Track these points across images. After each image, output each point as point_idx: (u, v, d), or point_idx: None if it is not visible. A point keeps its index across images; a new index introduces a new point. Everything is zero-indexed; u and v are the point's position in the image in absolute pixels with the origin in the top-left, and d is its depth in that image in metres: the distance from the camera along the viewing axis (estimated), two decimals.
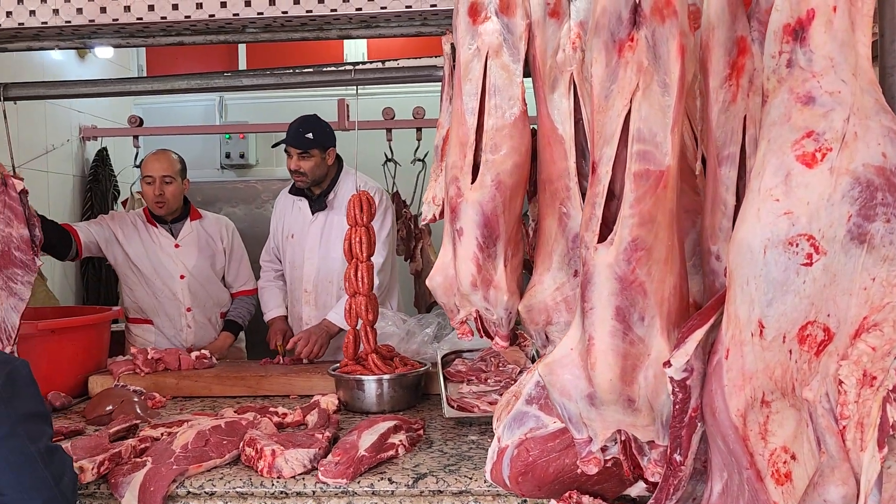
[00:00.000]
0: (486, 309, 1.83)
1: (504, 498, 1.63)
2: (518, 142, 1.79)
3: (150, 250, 3.11)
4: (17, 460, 1.43)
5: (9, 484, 1.42)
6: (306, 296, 3.08)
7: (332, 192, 3.09)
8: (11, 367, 1.48)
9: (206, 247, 3.19)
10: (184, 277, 3.13)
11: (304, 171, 3.01)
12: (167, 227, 3.17)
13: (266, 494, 1.67)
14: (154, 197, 3.07)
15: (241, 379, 2.51)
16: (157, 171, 3.07)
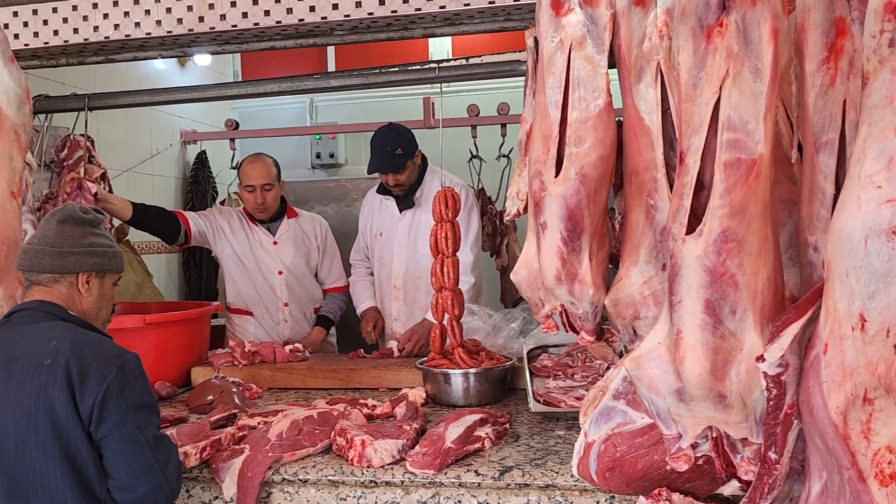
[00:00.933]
0: (571, 303, 1.82)
1: (591, 493, 1.62)
2: (603, 134, 1.76)
3: (252, 246, 3.22)
4: (128, 447, 1.53)
5: (120, 468, 1.54)
6: (395, 292, 3.14)
7: (419, 191, 3.13)
8: (123, 360, 1.58)
9: (301, 244, 3.27)
10: (282, 273, 3.22)
11: (402, 183, 3.08)
12: (265, 225, 3.26)
13: (356, 483, 1.72)
14: (256, 205, 3.14)
15: (332, 372, 2.59)
16: (257, 179, 3.14)
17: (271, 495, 1.75)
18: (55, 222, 1.73)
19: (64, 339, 1.57)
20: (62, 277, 1.70)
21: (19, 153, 2.20)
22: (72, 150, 2.99)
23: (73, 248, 1.71)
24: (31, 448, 1.50)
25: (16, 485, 1.51)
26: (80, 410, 1.51)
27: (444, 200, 2.27)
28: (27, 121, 2.23)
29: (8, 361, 1.55)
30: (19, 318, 1.66)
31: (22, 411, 1.50)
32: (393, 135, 3.02)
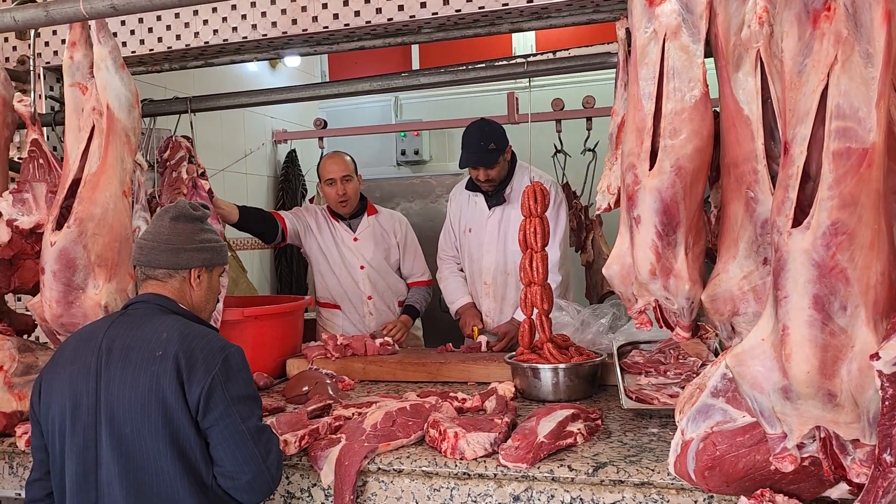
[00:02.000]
0: (666, 298, 1.78)
1: (688, 492, 1.59)
2: (699, 125, 1.72)
3: (335, 242, 3.33)
4: (231, 437, 1.61)
5: (225, 456, 1.61)
6: (486, 288, 3.15)
7: (509, 187, 3.12)
8: (228, 353, 1.66)
9: (381, 240, 3.34)
10: (363, 268, 3.31)
11: (493, 178, 3.08)
12: (346, 222, 3.36)
13: (449, 474, 1.74)
14: (338, 196, 3.24)
15: (422, 365, 2.63)
16: (336, 172, 3.23)
17: (367, 484, 1.79)
18: (168, 219, 1.81)
19: (174, 332, 1.65)
20: (176, 273, 1.79)
21: (130, 154, 2.33)
22: (174, 151, 3.14)
23: (186, 245, 1.80)
24: (146, 434, 1.59)
25: (133, 467, 1.60)
26: (188, 400, 1.59)
27: (533, 195, 2.27)
28: (136, 124, 2.36)
29: (125, 351, 1.65)
30: (135, 310, 1.76)
31: (137, 400, 1.60)
32: (486, 129, 3.02)
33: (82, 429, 1.64)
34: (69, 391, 1.66)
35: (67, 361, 1.71)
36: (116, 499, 1.60)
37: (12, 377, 2.21)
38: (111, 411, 1.61)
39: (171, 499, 1.60)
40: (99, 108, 2.26)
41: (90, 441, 1.63)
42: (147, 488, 1.60)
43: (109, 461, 1.60)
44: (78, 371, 1.67)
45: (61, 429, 1.67)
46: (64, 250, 2.14)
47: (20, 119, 2.48)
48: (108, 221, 2.20)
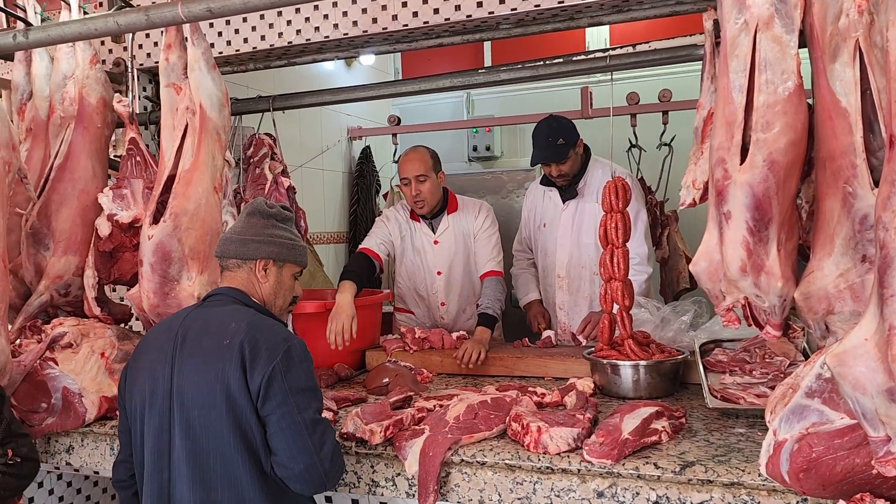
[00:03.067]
0: (756, 296, 1.74)
1: (780, 494, 1.55)
2: (793, 118, 1.68)
3: (415, 246, 3.22)
4: (287, 427, 1.65)
5: (280, 445, 1.67)
6: (559, 281, 3.13)
7: (582, 181, 3.10)
8: (290, 345, 1.72)
9: (461, 240, 3.19)
10: (440, 274, 3.19)
11: (566, 173, 3.05)
12: (428, 222, 3.20)
13: (532, 468, 1.75)
14: (412, 197, 3.08)
15: (499, 359, 2.65)
16: (410, 171, 3.07)
17: (450, 475, 1.82)
18: (245, 215, 1.92)
19: (242, 322, 1.73)
20: (243, 263, 1.87)
21: (220, 152, 2.42)
22: (257, 148, 3.24)
23: (254, 236, 1.88)
24: (211, 419, 1.67)
25: (199, 450, 1.68)
26: (250, 387, 1.65)
27: (614, 190, 2.25)
28: (226, 122, 2.45)
29: (198, 340, 1.74)
30: (212, 301, 1.86)
31: (204, 386, 1.68)
32: (554, 125, 3.01)
33: (158, 412, 1.73)
34: (148, 377, 1.76)
35: (149, 349, 1.82)
36: (184, 479, 1.69)
37: (113, 363, 2.34)
38: (182, 396, 1.70)
39: (233, 482, 1.66)
40: (192, 107, 2.36)
41: (164, 424, 1.72)
42: (211, 471, 1.67)
43: (179, 443, 1.69)
44: (157, 358, 1.77)
45: (141, 412, 1.77)
46: (160, 243, 2.25)
47: (118, 118, 2.62)
48: (200, 216, 2.30)
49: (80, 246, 2.51)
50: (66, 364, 2.25)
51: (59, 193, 2.48)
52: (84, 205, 2.51)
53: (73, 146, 2.51)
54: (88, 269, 2.47)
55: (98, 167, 2.57)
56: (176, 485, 1.70)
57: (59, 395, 2.19)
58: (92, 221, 2.50)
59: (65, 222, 2.48)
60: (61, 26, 2.21)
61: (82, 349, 2.31)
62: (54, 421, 2.19)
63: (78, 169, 2.50)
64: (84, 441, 2.25)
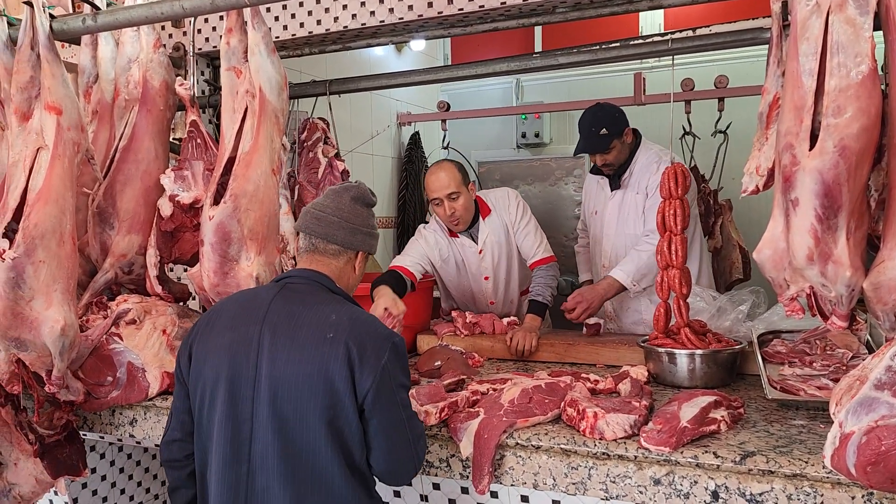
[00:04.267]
0: (822, 285, 1.70)
1: (845, 487, 1.52)
2: (866, 103, 1.63)
3: (457, 260, 3.11)
4: (391, 424, 1.65)
5: (381, 442, 1.65)
6: (604, 271, 3.09)
7: (627, 171, 3.06)
8: (393, 342, 1.67)
9: (503, 241, 3.09)
10: (488, 279, 3.13)
11: (610, 162, 3.02)
12: (467, 233, 3.08)
13: (588, 454, 1.75)
14: (447, 217, 2.95)
15: (550, 346, 2.64)
16: (441, 190, 2.90)
17: (504, 458, 1.83)
18: (349, 198, 1.83)
19: (343, 315, 1.66)
20: (345, 252, 1.81)
21: (278, 134, 2.45)
22: (311, 132, 3.28)
23: (363, 227, 1.83)
24: (307, 414, 1.60)
25: (290, 444, 1.61)
26: (357, 387, 1.60)
27: (673, 177, 2.22)
28: (285, 105, 2.48)
29: (293, 328, 1.65)
30: (297, 284, 1.76)
31: (303, 380, 1.60)
32: (599, 115, 2.98)
33: (240, 400, 1.64)
34: (227, 358, 1.66)
35: (226, 328, 1.72)
36: (271, 473, 1.61)
37: (173, 340, 2.40)
38: (274, 388, 1.61)
39: (326, 479, 1.61)
40: (252, 90, 2.39)
41: (247, 413, 1.63)
42: (303, 466, 1.61)
43: (266, 435, 1.61)
44: (238, 340, 1.67)
45: (213, 394, 1.67)
46: (221, 224, 2.29)
47: (180, 101, 2.68)
48: (259, 197, 2.34)
49: (142, 225, 2.58)
50: (129, 340, 2.32)
51: (124, 174, 2.55)
52: (147, 185, 2.57)
53: (136, 128, 2.57)
54: (150, 248, 2.54)
55: (160, 149, 2.63)
56: (257, 478, 1.62)
57: (124, 369, 2.27)
58: (154, 202, 2.57)
59: (129, 202, 2.55)
60: (128, 10, 2.26)
61: (145, 326, 2.38)
62: (119, 394, 2.27)
63: (141, 150, 2.57)
64: (147, 414, 2.32)
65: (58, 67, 2.31)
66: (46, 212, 2.16)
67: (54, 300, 2.14)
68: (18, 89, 2.30)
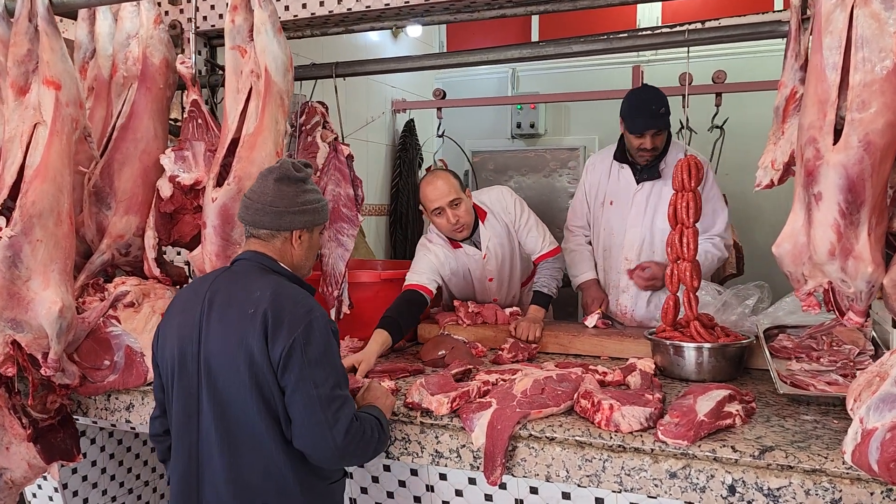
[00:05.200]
0: (842, 281, 1.70)
1: (864, 483, 1.51)
2: (891, 98, 1.62)
3: (462, 268, 3.00)
4: (302, 400, 1.65)
5: (296, 417, 1.67)
6: (627, 264, 2.99)
7: (663, 162, 2.95)
8: (313, 317, 1.70)
9: (505, 242, 3.02)
10: (492, 280, 3.07)
11: (658, 147, 2.89)
12: (469, 241, 2.97)
13: (603, 446, 1.73)
14: (451, 226, 2.81)
15: (554, 337, 2.62)
16: (441, 199, 2.78)
17: (517, 449, 1.80)
18: (272, 181, 1.84)
19: (267, 291, 1.72)
20: (278, 233, 1.85)
21: (283, 116, 2.40)
22: (309, 116, 3.21)
23: (289, 207, 1.83)
24: (236, 387, 1.69)
25: (226, 416, 1.70)
26: (271, 357, 1.66)
27: (687, 168, 2.20)
28: (290, 87, 2.43)
29: (224, 307, 1.74)
30: (239, 266, 1.85)
31: (228, 354, 1.69)
32: (655, 93, 2.87)
33: (187, 375, 1.75)
34: (177, 339, 1.78)
35: (178, 311, 1.84)
36: (213, 444, 1.71)
37: None
38: (208, 362, 1.71)
39: (259, 447, 1.68)
40: (257, 70, 2.34)
41: (193, 387, 1.74)
42: (239, 437, 1.69)
43: (207, 408, 1.71)
44: (185, 321, 1.78)
45: (171, 373, 1.79)
46: (224, 206, 2.24)
47: (179, 80, 2.61)
48: None
49: (141, 206, 2.52)
50: (127, 323, 2.26)
51: (122, 153, 2.48)
52: (146, 165, 2.51)
53: (135, 106, 2.50)
54: (149, 230, 2.48)
55: (160, 128, 2.56)
56: (204, 447, 1.73)
57: (122, 353, 2.21)
58: (153, 182, 2.50)
59: (126, 182, 2.48)
60: None
61: (143, 309, 2.32)
62: (116, 378, 2.21)
63: (140, 129, 2.50)
64: (144, 399, 2.27)
65: (57, 41, 2.24)
66: (44, 190, 2.10)
67: (52, 281, 2.08)
68: (15, 62, 2.23)
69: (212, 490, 1.73)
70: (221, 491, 1.71)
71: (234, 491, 1.70)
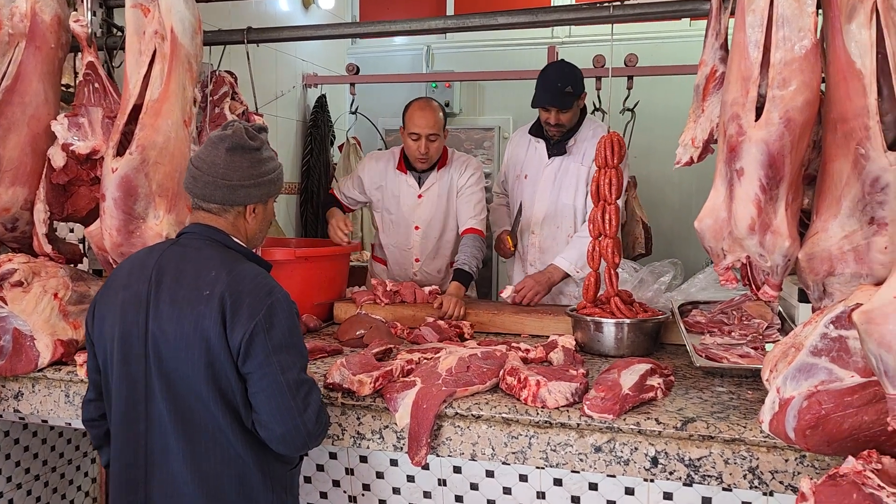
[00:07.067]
0: (760, 255, 1.74)
1: (779, 450, 1.56)
2: (810, 76, 1.66)
3: (398, 196, 3.10)
4: (268, 386, 1.54)
5: (261, 405, 1.55)
6: (532, 237, 3.07)
7: (572, 139, 3.01)
8: (274, 299, 1.58)
9: (444, 196, 3.05)
10: (418, 229, 3.09)
11: (563, 123, 2.94)
12: (416, 175, 3.07)
13: (530, 422, 1.71)
14: (419, 155, 2.94)
15: (474, 315, 2.59)
16: (423, 127, 2.90)
17: (442, 428, 1.76)
18: (224, 150, 1.67)
19: (222, 270, 1.58)
20: (231, 208, 1.69)
21: (191, 83, 2.25)
22: (217, 86, 3.04)
23: (244, 181, 1.68)
24: (190, 373, 1.55)
25: (180, 404, 1.57)
26: (230, 343, 1.54)
27: (609, 145, 2.20)
28: (199, 51, 2.28)
29: (174, 285, 1.59)
30: (186, 240, 1.68)
31: (181, 338, 1.55)
32: (566, 70, 2.90)
33: (133, 359, 1.60)
34: (120, 318, 1.62)
35: (120, 286, 1.66)
36: (167, 432, 1.58)
37: (67, 305, 2.16)
38: (158, 347, 1.57)
39: (220, 438, 1.57)
40: (161, 31, 2.18)
41: (140, 372, 1.60)
42: (195, 425, 1.57)
43: (159, 395, 1.57)
44: (129, 298, 1.63)
45: (111, 354, 1.64)
46: (126, 177, 2.08)
47: (74, 40, 2.39)
48: (169, 150, 2.14)
49: (29, 177, 2.29)
50: (16, 304, 2.06)
51: (7, 118, 2.24)
52: (35, 132, 2.29)
53: (23, 67, 2.27)
54: (39, 203, 2.27)
55: (51, 92, 2.34)
56: (155, 435, 1.59)
57: (9, 336, 2.02)
58: (44, 151, 2.29)
59: (13, 150, 2.25)
60: None
61: (34, 288, 2.12)
62: (3, 364, 2.03)
63: (29, 92, 2.27)
64: (35, 387, 2.08)
65: None
66: None
67: None
68: None
69: (164, 479, 1.59)
70: (178, 480, 1.58)
71: (194, 479, 1.57)
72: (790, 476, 1.56)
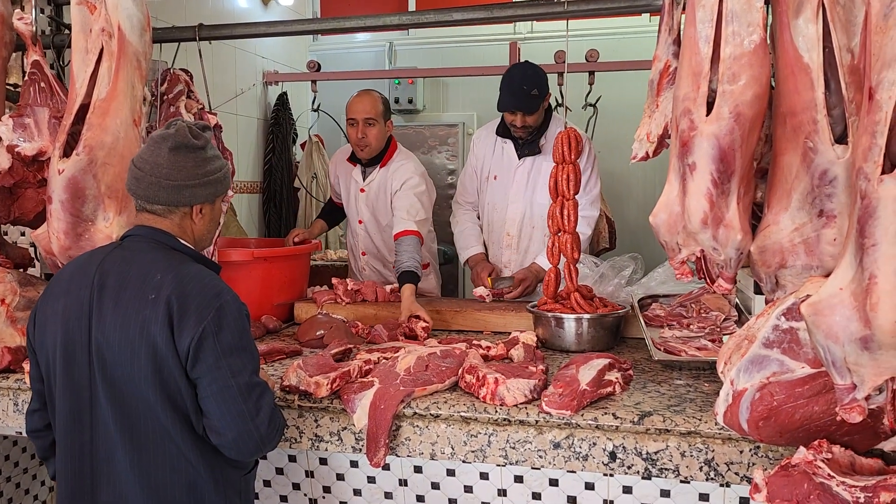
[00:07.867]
0: (713, 249, 1.75)
1: (734, 442, 1.58)
2: (759, 71, 1.67)
3: (346, 190, 3.21)
4: (219, 391, 1.50)
5: (211, 410, 1.51)
6: (508, 239, 3.04)
7: (543, 137, 2.99)
8: (222, 302, 1.53)
9: (382, 195, 3.09)
10: (361, 222, 3.14)
11: (530, 125, 2.94)
12: (361, 168, 3.15)
13: (489, 420, 1.71)
14: (357, 140, 3.02)
15: (436, 313, 2.58)
16: (359, 113, 2.99)
17: (400, 429, 1.75)
18: (167, 150, 1.61)
19: (168, 273, 1.53)
20: (176, 209, 1.64)
21: (140, 81, 2.20)
22: (172, 84, 2.98)
23: (188, 180, 1.62)
24: (136, 379, 1.50)
25: (126, 411, 1.52)
26: (178, 348, 1.49)
27: (566, 141, 2.20)
28: (148, 48, 2.23)
29: (117, 290, 1.54)
30: (130, 242, 1.63)
31: (126, 344, 1.50)
32: (530, 73, 2.87)
33: (76, 366, 1.55)
34: (62, 325, 1.57)
35: (62, 292, 1.61)
36: (113, 441, 1.53)
37: (14, 311, 2.10)
38: (102, 353, 1.52)
39: (168, 446, 1.53)
40: (109, 29, 2.12)
41: (84, 380, 1.55)
42: (142, 433, 1.53)
43: (104, 402, 1.53)
44: (71, 304, 1.58)
45: (54, 362, 1.59)
46: (73, 179, 2.02)
47: (18, 39, 2.32)
48: (118, 150, 2.08)
49: None
50: None
51: None
52: None
53: None
54: None
55: None
56: (101, 445, 1.54)
57: None
58: None
59: None
60: None
61: None
62: None
63: None
64: None
65: None
66: None
67: None
68: None
69: (111, 489, 1.54)
70: (125, 490, 1.53)
71: (142, 488, 1.53)
72: (745, 467, 1.58)
